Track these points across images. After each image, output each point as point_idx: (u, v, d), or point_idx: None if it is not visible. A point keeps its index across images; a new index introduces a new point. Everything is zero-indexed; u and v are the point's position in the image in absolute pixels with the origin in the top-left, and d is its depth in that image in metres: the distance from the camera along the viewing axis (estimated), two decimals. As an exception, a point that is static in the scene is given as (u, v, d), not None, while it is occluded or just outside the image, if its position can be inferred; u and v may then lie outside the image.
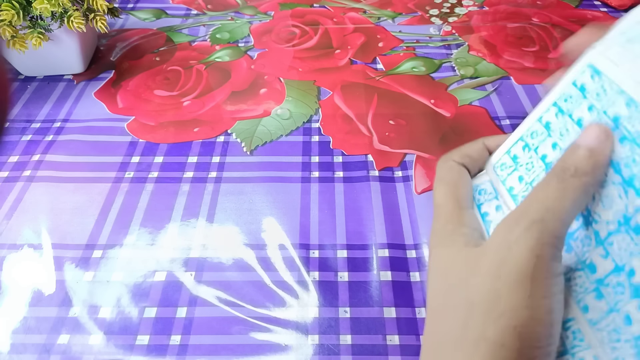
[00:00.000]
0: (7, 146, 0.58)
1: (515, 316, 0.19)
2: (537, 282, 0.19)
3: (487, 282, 0.20)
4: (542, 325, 0.19)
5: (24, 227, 0.49)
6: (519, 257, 0.19)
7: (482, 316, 0.20)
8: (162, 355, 0.40)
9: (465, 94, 0.65)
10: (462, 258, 0.22)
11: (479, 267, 0.21)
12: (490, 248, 0.21)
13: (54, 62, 0.67)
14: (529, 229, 0.19)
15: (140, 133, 0.60)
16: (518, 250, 0.19)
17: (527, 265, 0.19)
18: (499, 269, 0.20)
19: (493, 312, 0.20)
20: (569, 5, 0.82)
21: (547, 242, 0.19)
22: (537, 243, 0.19)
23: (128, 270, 0.46)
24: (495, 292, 0.20)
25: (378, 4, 0.84)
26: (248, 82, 0.68)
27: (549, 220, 0.19)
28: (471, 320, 0.20)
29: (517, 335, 0.19)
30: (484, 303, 0.20)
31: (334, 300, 0.43)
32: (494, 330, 0.19)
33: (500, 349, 0.19)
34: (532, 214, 0.20)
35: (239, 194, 0.52)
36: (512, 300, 0.19)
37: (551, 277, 0.19)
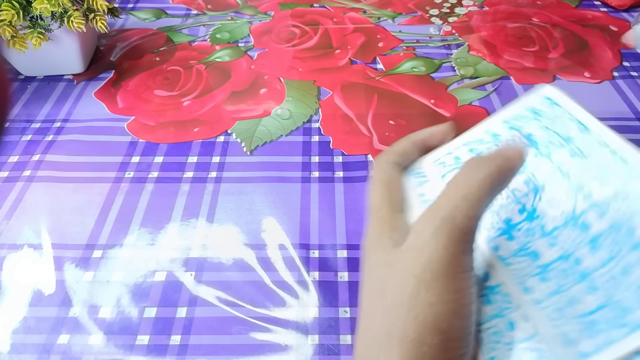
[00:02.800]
0: (7, 146, 0.58)
1: (432, 312, 0.20)
2: (450, 277, 0.20)
3: (405, 282, 0.21)
4: (459, 319, 0.20)
5: (24, 227, 0.49)
6: (431, 255, 0.20)
7: (403, 316, 0.20)
8: (162, 355, 0.40)
9: (465, 94, 0.65)
10: (386, 260, 0.23)
11: (398, 268, 0.21)
12: (407, 247, 0.22)
13: (54, 62, 0.67)
14: (440, 226, 0.20)
15: (140, 133, 0.60)
16: (430, 248, 0.20)
17: (440, 263, 0.20)
18: (415, 267, 0.21)
19: (412, 310, 0.20)
20: (569, 5, 0.82)
21: (457, 239, 0.20)
22: (447, 240, 0.20)
23: (128, 270, 0.46)
24: (412, 291, 0.20)
25: (378, 4, 0.84)
26: (248, 82, 0.68)
27: (457, 217, 0.20)
28: (393, 321, 0.21)
29: (436, 331, 0.20)
30: (403, 303, 0.21)
31: (334, 300, 0.43)
32: (414, 328, 0.20)
33: (421, 346, 0.20)
34: (442, 211, 0.21)
35: (239, 194, 0.52)
36: (428, 297, 0.20)
37: (463, 271, 0.20)
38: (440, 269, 0.20)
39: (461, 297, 0.20)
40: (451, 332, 0.20)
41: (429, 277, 0.20)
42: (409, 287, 0.20)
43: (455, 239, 0.20)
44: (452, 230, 0.20)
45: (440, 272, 0.20)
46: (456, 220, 0.20)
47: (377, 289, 0.22)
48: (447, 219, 0.20)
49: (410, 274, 0.21)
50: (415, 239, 0.21)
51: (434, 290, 0.20)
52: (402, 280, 0.21)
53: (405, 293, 0.21)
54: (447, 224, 0.20)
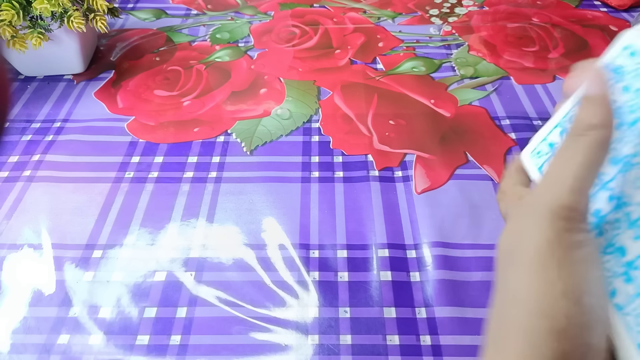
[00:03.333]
0: (7, 146, 0.58)
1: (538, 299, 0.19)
2: (555, 261, 0.19)
3: (514, 271, 0.20)
4: (569, 302, 0.19)
5: (24, 227, 0.49)
6: (535, 241, 0.19)
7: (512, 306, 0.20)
8: (162, 355, 0.40)
9: (465, 94, 0.65)
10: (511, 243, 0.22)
11: (512, 257, 0.21)
12: (515, 235, 0.21)
13: (54, 62, 0.67)
14: (540, 209, 0.20)
15: (140, 133, 0.60)
16: (533, 234, 0.20)
17: (544, 248, 0.19)
18: (522, 256, 0.20)
19: (519, 300, 0.20)
20: (569, 5, 0.82)
21: (559, 218, 0.19)
22: (549, 223, 0.19)
23: (128, 270, 0.46)
24: (519, 281, 0.20)
25: (378, 4, 0.84)
26: (248, 82, 0.68)
27: (557, 194, 0.19)
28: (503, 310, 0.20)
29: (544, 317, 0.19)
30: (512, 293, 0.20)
31: (334, 300, 0.43)
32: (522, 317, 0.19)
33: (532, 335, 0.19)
34: (542, 192, 0.20)
35: (239, 194, 0.52)
36: (535, 285, 0.19)
37: (572, 250, 0.19)
38: (545, 255, 0.19)
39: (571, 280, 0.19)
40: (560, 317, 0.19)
41: (534, 264, 0.19)
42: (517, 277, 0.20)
43: (558, 219, 0.19)
44: (552, 210, 0.19)
45: (545, 258, 0.19)
46: (556, 199, 0.20)
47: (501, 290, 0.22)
48: (546, 201, 0.20)
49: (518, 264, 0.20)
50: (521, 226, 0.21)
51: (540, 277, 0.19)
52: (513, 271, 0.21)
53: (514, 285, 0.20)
54: (547, 205, 0.20)
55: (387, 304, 0.43)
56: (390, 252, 0.47)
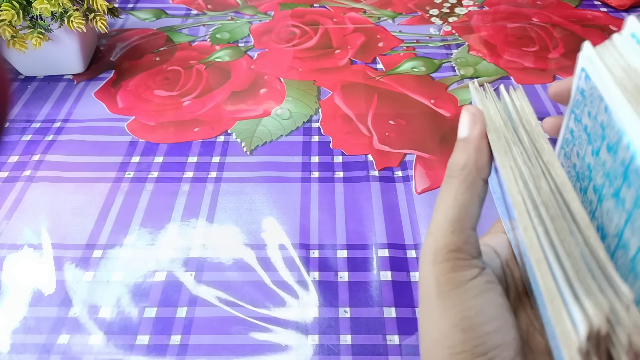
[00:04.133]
0: (7, 146, 0.58)
1: (435, 330, 0.21)
2: (442, 297, 0.21)
3: (420, 304, 0.22)
4: (460, 331, 0.20)
5: (24, 227, 0.49)
6: (424, 280, 0.21)
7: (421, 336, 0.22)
8: (162, 355, 0.40)
9: (465, 94, 0.65)
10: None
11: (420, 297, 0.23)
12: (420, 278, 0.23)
13: (54, 62, 0.67)
14: (426, 253, 0.21)
15: (140, 133, 0.60)
16: (423, 274, 0.21)
17: (431, 286, 0.21)
18: (421, 292, 0.22)
19: (422, 331, 0.21)
20: (569, 5, 0.82)
21: (442, 259, 0.21)
22: (432, 265, 0.21)
23: (128, 270, 0.46)
24: (421, 313, 0.22)
25: (378, 4, 0.84)
26: (248, 82, 0.68)
27: (438, 238, 0.21)
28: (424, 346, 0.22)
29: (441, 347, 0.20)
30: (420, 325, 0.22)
31: (334, 300, 0.43)
32: (425, 346, 0.21)
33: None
34: (425, 240, 0.22)
35: (239, 194, 0.52)
36: (431, 317, 0.21)
37: (457, 286, 0.21)
38: (433, 292, 0.21)
39: (458, 311, 0.20)
40: (456, 345, 0.20)
41: (428, 300, 0.21)
42: (421, 310, 0.22)
43: (440, 260, 0.21)
44: (435, 253, 0.21)
45: (433, 295, 0.21)
46: (438, 242, 0.21)
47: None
48: (431, 245, 0.21)
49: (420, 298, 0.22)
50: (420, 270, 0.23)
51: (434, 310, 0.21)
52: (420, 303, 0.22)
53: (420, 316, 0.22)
54: (431, 249, 0.21)
55: (387, 304, 0.43)
56: (390, 252, 0.47)
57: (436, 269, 0.21)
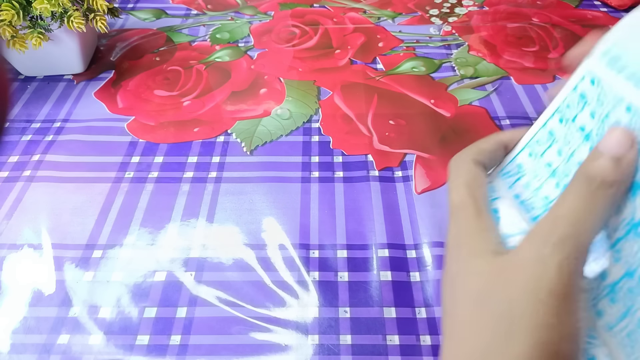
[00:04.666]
0: (7, 146, 0.58)
1: (545, 334, 0.19)
2: (567, 298, 0.19)
3: (517, 297, 0.20)
4: (569, 342, 0.19)
5: (24, 227, 0.49)
6: (552, 273, 0.19)
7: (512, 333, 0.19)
8: (162, 355, 0.40)
9: (465, 94, 0.65)
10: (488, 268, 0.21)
11: (515, 281, 0.20)
12: (523, 261, 0.20)
13: (54, 62, 0.67)
14: (561, 244, 0.19)
15: (140, 133, 0.60)
16: (551, 266, 0.19)
17: (558, 282, 0.19)
18: (530, 283, 0.20)
19: (524, 329, 0.19)
20: (569, 5, 0.82)
21: (576, 257, 0.19)
22: (566, 260, 0.19)
23: (128, 270, 0.46)
24: (527, 309, 0.19)
25: (378, 4, 0.84)
26: (248, 82, 0.68)
27: (579, 234, 0.19)
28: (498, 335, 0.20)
29: (546, 353, 0.19)
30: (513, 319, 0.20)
31: (334, 300, 0.43)
32: (524, 348, 0.19)
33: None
34: (563, 228, 0.20)
35: (239, 194, 0.52)
36: (544, 317, 0.19)
37: (579, 292, 0.19)
38: (559, 289, 0.19)
39: (575, 320, 0.19)
40: (561, 356, 0.19)
41: (547, 296, 0.19)
42: (523, 305, 0.19)
43: (576, 257, 0.19)
44: (573, 248, 0.19)
45: (560, 292, 0.19)
46: (578, 239, 0.19)
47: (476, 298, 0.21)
48: (568, 237, 0.19)
49: (523, 290, 0.20)
50: (534, 253, 0.20)
51: (552, 310, 0.19)
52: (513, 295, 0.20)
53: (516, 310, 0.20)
54: (569, 242, 0.19)
55: (387, 304, 0.43)
56: (390, 252, 0.47)
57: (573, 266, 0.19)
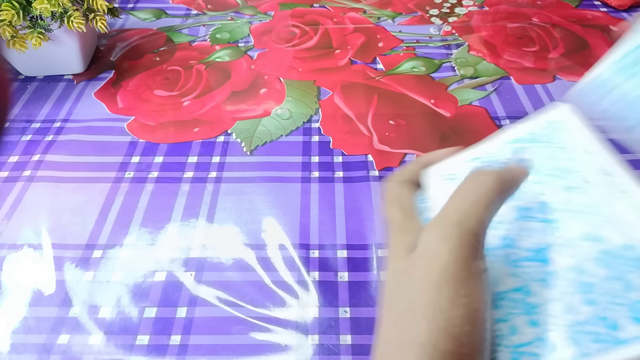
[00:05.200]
0: (7, 146, 0.58)
1: (444, 317, 0.20)
2: (461, 281, 0.20)
3: (417, 288, 0.21)
4: (471, 324, 0.20)
5: (24, 227, 0.49)
6: (441, 259, 0.20)
7: (416, 322, 0.20)
8: (162, 355, 0.40)
9: (465, 94, 0.65)
10: (400, 267, 0.23)
11: (413, 273, 0.22)
12: (419, 254, 0.22)
13: (54, 62, 0.67)
14: (449, 231, 0.21)
15: (140, 133, 0.60)
16: (440, 253, 0.20)
17: (450, 267, 0.20)
18: (427, 273, 0.21)
19: (424, 316, 0.20)
20: (569, 5, 0.82)
21: (466, 242, 0.20)
22: (457, 244, 0.20)
23: (128, 270, 0.46)
24: (424, 296, 0.20)
25: (378, 4, 0.84)
26: (248, 82, 0.68)
27: (466, 221, 0.21)
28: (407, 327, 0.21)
29: (448, 336, 0.20)
30: (416, 307, 0.21)
31: (334, 300, 0.43)
32: (426, 334, 0.20)
33: (434, 352, 0.20)
34: (451, 217, 0.21)
35: (239, 194, 0.52)
36: (440, 302, 0.20)
37: (474, 274, 0.20)
38: (451, 273, 0.20)
39: (472, 301, 0.20)
40: (463, 337, 0.20)
41: (440, 282, 0.20)
42: (421, 293, 0.21)
43: (465, 243, 0.20)
44: (461, 234, 0.20)
45: (451, 277, 0.20)
46: (465, 225, 0.20)
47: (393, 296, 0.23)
48: (456, 224, 0.21)
49: (422, 280, 0.21)
50: (426, 245, 0.22)
51: (446, 295, 0.20)
52: (415, 286, 0.21)
53: (418, 299, 0.21)
54: (456, 229, 0.20)
55: (387, 304, 0.43)
56: (390, 252, 0.47)
57: (462, 250, 0.20)
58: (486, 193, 0.21)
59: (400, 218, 0.25)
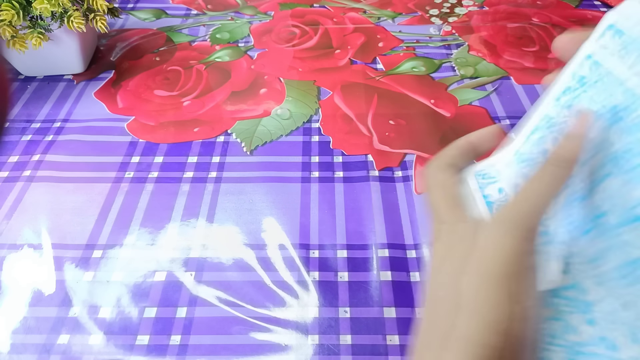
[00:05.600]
0: (7, 146, 0.58)
1: (497, 312, 0.20)
2: (519, 277, 0.20)
3: (474, 281, 0.21)
4: (520, 321, 0.20)
5: (24, 227, 0.49)
6: (504, 254, 0.20)
7: (468, 315, 0.20)
8: (162, 355, 0.40)
9: (465, 94, 0.65)
10: (454, 254, 0.22)
11: (468, 265, 0.21)
12: (478, 246, 0.21)
13: (54, 62, 0.67)
14: (513, 227, 0.20)
15: (140, 133, 0.60)
16: (503, 248, 0.20)
17: (512, 262, 0.20)
18: (485, 267, 0.20)
19: (479, 310, 0.20)
20: (569, 5, 0.82)
21: (525, 238, 0.20)
22: (520, 240, 0.20)
23: (128, 270, 0.46)
24: (480, 291, 0.20)
25: (378, 4, 0.84)
26: (248, 82, 0.68)
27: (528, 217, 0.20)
28: (458, 319, 0.20)
29: (498, 332, 0.19)
30: (470, 302, 0.20)
31: (334, 300, 0.43)
32: (476, 329, 0.20)
33: (484, 348, 0.19)
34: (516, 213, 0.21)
35: (239, 194, 0.52)
36: (498, 297, 0.20)
37: (529, 271, 0.20)
38: (512, 269, 0.20)
39: (528, 298, 0.20)
40: (513, 333, 0.19)
41: (497, 277, 0.20)
42: (481, 287, 0.20)
43: (524, 238, 0.20)
44: (523, 230, 0.20)
45: (511, 272, 0.20)
46: (527, 221, 0.20)
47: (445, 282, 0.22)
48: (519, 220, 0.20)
49: (480, 273, 0.20)
50: (485, 238, 0.21)
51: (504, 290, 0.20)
52: (470, 278, 0.21)
53: (476, 293, 0.20)
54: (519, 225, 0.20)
55: (387, 304, 0.43)
56: (390, 252, 0.47)
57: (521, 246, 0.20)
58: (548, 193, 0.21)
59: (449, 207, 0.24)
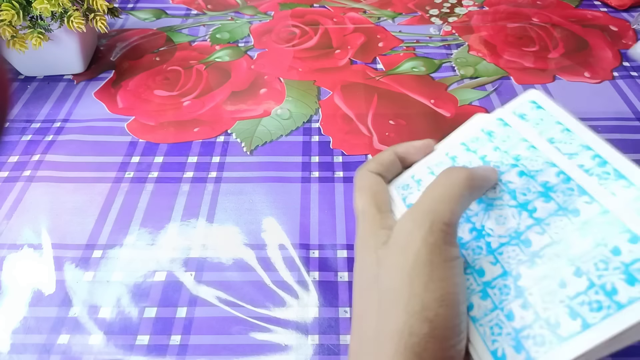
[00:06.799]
0: (7, 146, 0.58)
1: (418, 302, 0.20)
2: (434, 266, 0.21)
3: (392, 275, 0.21)
4: (445, 307, 0.20)
5: (24, 227, 0.49)
6: (414, 246, 0.21)
7: (391, 308, 0.21)
8: (162, 355, 0.40)
9: (465, 94, 0.65)
10: (374, 259, 0.23)
11: (386, 262, 0.22)
12: (392, 244, 0.23)
13: (54, 62, 0.67)
14: (422, 219, 0.21)
15: (140, 133, 0.60)
16: (413, 240, 0.21)
17: (422, 252, 0.21)
18: (400, 260, 0.21)
19: (399, 302, 0.21)
20: (569, 5, 0.82)
21: (438, 229, 0.21)
22: (429, 231, 0.21)
23: (128, 270, 0.46)
24: (399, 282, 0.21)
25: (378, 4, 0.84)
26: (248, 82, 0.68)
27: (437, 210, 0.22)
28: (382, 314, 0.21)
29: (423, 320, 0.20)
30: (391, 295, 0.21)
31: (334, 300, 0.43)
32: (403, 319, 0.20)
33: (411, 337, 0.20)
34: (423, 206, 0.22)
35: (239, 194, 0.52)
36: (414, 287, 0.20)
37: (447, 260, 0.21)
38: (423, 259, 0.21)
39: (446, 285, 0.20)
40: (438, 320, 0.20)
41: (414, 267, 0.21)
42: (395, 280, 0.21)
43: (436, 229, 0.21)
44: (432, 221, 0.21)
45: (424, 262, 0.21)
46: (436, 214, 0.21)
47: (367, 287, 0.23)
48: (427, 212, 0.21)
49: (396, 267, 0.21)
50: (399, 234, 0.22)
51: (419, 280, 0.20)
52: (388, 275, 0.22)
53: (392, 287, 0.21)
54: (428, 217, 0.21)
55: (387, 304, 0.43)
56: (390, 252, 0.47)
57: (434, 236, 0.21)
58: (457, 186, 0.22)
59: (373, 212, 0.26)
